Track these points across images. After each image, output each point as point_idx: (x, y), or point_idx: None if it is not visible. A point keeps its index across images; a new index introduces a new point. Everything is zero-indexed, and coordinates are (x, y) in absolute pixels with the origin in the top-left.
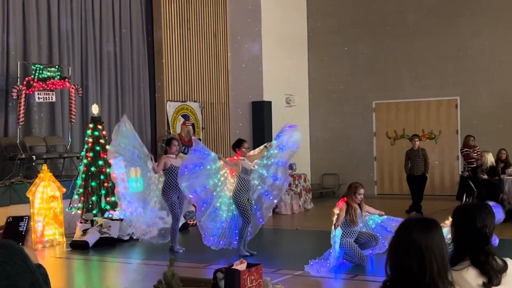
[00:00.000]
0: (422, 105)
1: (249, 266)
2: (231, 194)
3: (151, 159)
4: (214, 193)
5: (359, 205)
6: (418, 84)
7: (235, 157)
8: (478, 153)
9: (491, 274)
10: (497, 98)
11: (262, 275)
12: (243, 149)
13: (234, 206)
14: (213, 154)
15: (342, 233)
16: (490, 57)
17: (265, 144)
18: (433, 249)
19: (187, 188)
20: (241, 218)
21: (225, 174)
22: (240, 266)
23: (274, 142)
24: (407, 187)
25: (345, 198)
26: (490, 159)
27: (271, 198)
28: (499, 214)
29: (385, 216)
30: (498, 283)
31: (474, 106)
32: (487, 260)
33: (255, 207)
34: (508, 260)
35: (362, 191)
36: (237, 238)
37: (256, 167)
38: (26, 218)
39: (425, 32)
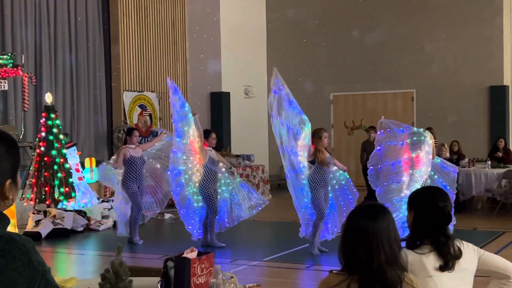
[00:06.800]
0: (379, 97)
1: (200, 254)
2: (198, 184)
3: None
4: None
5: (327, 150)
6: (375, 77)
7: None
8: (436, 144)
9: (448, 258)
10: (452, 91)
11: (213, 264)
12: (211, 140)
13: (200, 197)
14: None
15: (313, 180)
16: (445, 50)
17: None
18: (379, 236)
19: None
20: (208, 209)
21: (194, 162)
22: (191, 254)
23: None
24: (363, 179)
25: (313, 145)
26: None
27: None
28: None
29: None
30: (452, 268)
31: (430, 99)
32: (446, 242)
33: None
34: (463, 245)
35: (326, 134)
36: (208, 230)
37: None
38: None
39: (383, 24)
